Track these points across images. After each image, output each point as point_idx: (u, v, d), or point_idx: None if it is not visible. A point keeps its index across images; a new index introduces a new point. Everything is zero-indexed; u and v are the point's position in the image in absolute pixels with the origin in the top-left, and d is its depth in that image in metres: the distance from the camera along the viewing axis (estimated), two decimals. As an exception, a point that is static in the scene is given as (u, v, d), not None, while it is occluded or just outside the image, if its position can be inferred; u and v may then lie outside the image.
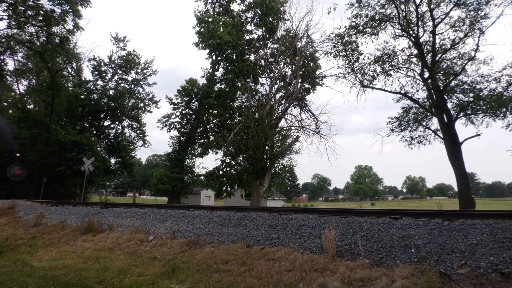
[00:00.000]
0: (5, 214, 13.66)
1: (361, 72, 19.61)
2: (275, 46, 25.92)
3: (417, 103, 18.51)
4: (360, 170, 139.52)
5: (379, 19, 18.08)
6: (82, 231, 9.47)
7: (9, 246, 9.43)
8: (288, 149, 21.42)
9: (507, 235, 4.66)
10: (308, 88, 25.65)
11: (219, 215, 8.60)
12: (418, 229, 5.44)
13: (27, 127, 24.95)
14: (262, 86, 26.32)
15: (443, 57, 17.39)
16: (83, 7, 21.47)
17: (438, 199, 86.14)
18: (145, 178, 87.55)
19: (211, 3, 27.97)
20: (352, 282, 4.37)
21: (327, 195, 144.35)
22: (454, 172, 16.16)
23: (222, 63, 28.19)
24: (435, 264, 4.42)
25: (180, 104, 29.22)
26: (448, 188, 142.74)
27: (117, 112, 31.18)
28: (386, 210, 7.55)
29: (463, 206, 15.37)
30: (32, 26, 20.64)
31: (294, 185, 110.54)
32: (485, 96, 15.80)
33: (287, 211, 8.32)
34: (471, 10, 16.06)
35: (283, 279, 4.82)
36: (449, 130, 16.47)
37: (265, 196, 24.71)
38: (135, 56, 32.02)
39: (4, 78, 26.67)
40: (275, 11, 25.27)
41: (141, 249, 7.39)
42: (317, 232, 6.22)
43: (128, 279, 5.58)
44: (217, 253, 6.22)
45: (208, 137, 29.33)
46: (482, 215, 6.03)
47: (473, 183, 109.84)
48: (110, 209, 12.00)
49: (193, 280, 5.29)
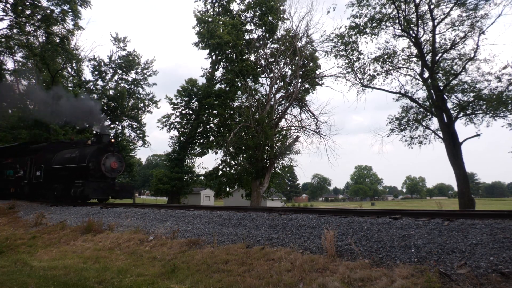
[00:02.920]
0: (5, 214, 13.67)
1: (361, 72, 19.61)
2: (275, 46, 25.92)
3: (417, 103, 18.50)
4: (360, 170, 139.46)
5: (379, 19, 18.08)
6: (82, 231, 9.48)
7: (9, 246, 9.43)
8: (288, 149, 21.42)
9: (507, 235, 4.66)
10: (308, 88, 25.64)
11: (219, 215, 8.60)
12: (418, 229, 5.44)
13: (27, 127, 24.93)
14: (262, 86, 26.33)
15: (443, 57, 17.40)
16: (83, 7, 21.50)
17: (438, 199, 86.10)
18: (145, 178, 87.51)
19: (210, 3, 27.97)
20: (352, 282, 4.38)
21: (327, 195, 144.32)
22: (454, 172, 16.16)
23: (222, 63, 28.19)
24: (435, 264, 4.42)
25: (180, 104, 29.23)
26: (448, 188, 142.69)
27: (117, 112, 31.17)
28: (386, 210, 7.56)
29: (463, 206, 15.36)
30: (32, 25, 20.65)
31: (294, 185, 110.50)
32: (485, 96, 15.80)
33: (287, 211, 8.32)
34: (471, 9, 16.06)
35: (283, 279, 4.82)
36: (449, 130, 16.47)
37: (265, 196, 24.73)
38: (135, 57, 32.03)
39: (4, 78, 26.65)
40: (274, 10, 25.26)
41: (141, 249, 7.39)
42: (317, 232, 6.22)
43: (128, 279, 5.58)
44: (217, 253, 6.22)
45: (208, 137, 29.33)
46: (482, 215, 6.03)
47: (473, 183, 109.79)
48: (110, 209, 11.99)
49: (193, 280, 5.29)
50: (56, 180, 16.35)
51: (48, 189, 16.63)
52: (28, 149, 19.04)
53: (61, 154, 16.67)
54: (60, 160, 16.34)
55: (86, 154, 14.99)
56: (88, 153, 15.02)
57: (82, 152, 15.44)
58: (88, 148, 15.60)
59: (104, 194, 14.87)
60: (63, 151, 16.93)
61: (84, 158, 14.90)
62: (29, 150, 18.73)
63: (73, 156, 15.70)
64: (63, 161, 16.09)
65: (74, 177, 15.13)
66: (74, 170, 15.26)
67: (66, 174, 15.72)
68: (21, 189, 18.12)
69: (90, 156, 14.84)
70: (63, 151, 16.88)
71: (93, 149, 15.10)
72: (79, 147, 16.64)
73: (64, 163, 15.94)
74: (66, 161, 15.87)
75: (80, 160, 15.05)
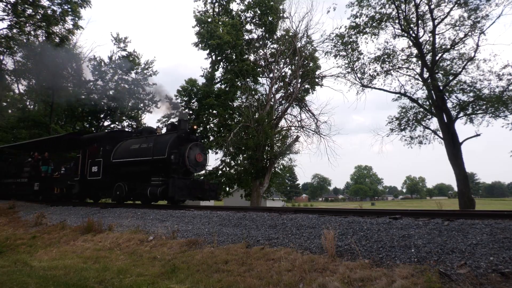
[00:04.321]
0: (5, 214, 13.67)
1: (361, 72, 19.61)
2: (275, 46, 25.93)
3: (417, 103, 18.50)
4: (360, 170, 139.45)
5: (379, 19, 18.08)
6: (82, 231, 9.48)
7: (9, 246, 9.43)
8: (288, 149, 21.43)
9: (507, 235, 4.66)
10: (308, 88, 25.66)
11: (219, 215, 8.60)
12: (418, 229, 5.44)
13: (26, 127, 24.94)
14: (262, 86, 26.36)
15: (443, 57, 17.40)
16: (83, 7, 21.51)
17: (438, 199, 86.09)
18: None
19: (210, 3, 27.97)
20: (352, 282, 4.38)
21: (327, 195, 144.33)
22: (454, 172, 16.15)
23: (222, 63, 28.20)
24: (435, 264, 4.42)
25: (180, 104, 29.21)
26: (448, 188, 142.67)
27: (117, 112, 31.17)
28: (386, 210, 7.56)
29: (463, 206, 15.36)
30: (32, 25, 20.66)
31: (294, 185, 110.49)
32: (485, 96, 15.80)
33: (287, 211, 8.32)
34: (472, 9, 16.05)
35: (283, 279, 4.82)
36: (449, 130, 16.46)
37: (265, 196, 24.72)
38: (136, 57, 32.04)
39: (4, 78, 26.67)
40: (274, 10, 25.27)
41: (141, 249, 7.39)
42: (317, 232, 6.22)
43: (128, 279, 5.58)
44: (217, 253, 6.22)
45: (208, 137, 29.33)
46: (482, 215, 6.03)
47: (473, 183, 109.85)
48: (110, 209, 11.99)
49: (193, 280, 5.29)
50: (120, 177, 13.40)
51: (108, 188, 13.87)
52: (76, 140, 16.02)
53: (125, 145, 13.58)
54: (125, 152, 13.27)
55: (165, 144, 11.89)
56: (168, 142, 11.88)
57: (159, 141, 12.32)
58: (165, 137, 12.53)
59: (191, 195, 11.79)
60: (126, 141, 13.85)
61: (163, 149, 11.81)
62: (79, 141, 15.71)
63: (144, 147, 12.55)
64: (131, 153, 13.01)
65: (146, 174, 12.41)
66: (147, 165, 12.32)
67: (136, 169, 12.86)
68: (69, 188, 15.36)
69: (171, 146, 11.76)
70: (126, 142, 13.82)
71: (173, 138, 12.04)
72: (149, 136, 13.24)
73: (132, 156, 12.85)
74: (135, 154, 12.76)
75: (157, 152, 11.94)
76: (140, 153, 12.57)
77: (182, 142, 12.04)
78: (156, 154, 11.92)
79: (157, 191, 11.50)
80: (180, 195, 11.47)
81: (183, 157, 11.68)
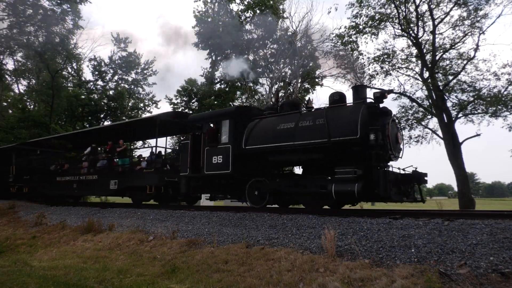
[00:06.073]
0: (5, 214, 13.66)
1: (360, 72, 19.59)
2: (275, 46, 25.91)
3: (417, 102, 18.50)
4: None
5: (379, 19, 18.07)
6: (82, 231, 9.47)
7: (9, 246, 9.44)
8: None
9: (507, 235, 4.66)
10: (308, 88, 25.66)
11: (219, 215, 8.59)
12: (418, 229, 5.44)
13: (27, 127, 24.93)
14: (262, 86, 26.34)
15: (442, 57, 17.40)
16: (83, 4, 21.52)
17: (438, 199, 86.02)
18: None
19: (210, 3, 27.97)
20: (352, 282, 4.38)
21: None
22: (454, 172, 16.15)
23: (222, 63, 28.22)
24: (435, 264, 4.42)
25: (180, 104, 29.24)
26: (448, 188, 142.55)
27: (117, 112, 31.20)
28: (386, 210, 7.53)
29: (463, 206, 15.37)
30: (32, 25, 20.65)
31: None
32: (485, 96, 15.80)
33: (287, 211, 8.30)
34: (471, 9, 16.06)
35: (283, 279, 4.82)
36: (449, 130, 16.46)
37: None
38: (135, 57, 32.08)
39: (4, 78, 26.66)
40: (274, 10, 25.26)
41: (141, 249, 7.38)
42: (317, 232, 6.21)
43: (128, 279, 5.59)
44: (217, 253, 6.22)
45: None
46: (482, 215, 6.03)
47: (473, 183, 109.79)
48: (110, 209, 11.96)
49: (193, 280, 5.29)
50: (261, 169, 9.48)
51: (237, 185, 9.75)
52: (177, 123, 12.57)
53: (264, 126, 9.27)
54: (269, 135, 8.88)
55: (353, 119, 7.64)
56: (358, 116, 7.58)
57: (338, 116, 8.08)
58: (347, 109, 8.32)
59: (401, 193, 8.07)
60: (262, 120, 9.52)
61: (351, 125, 7.59)
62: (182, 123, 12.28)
63: (306, 125, 8.32)
64: (280, 136, 8.59)
65: (316, 164, 8.76)
66: (319, 151, 8.14)
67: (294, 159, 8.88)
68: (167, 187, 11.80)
69: (364, 122, 7.58)
70: (262, 121, 9.48)
71: (362, 110, 7.75)
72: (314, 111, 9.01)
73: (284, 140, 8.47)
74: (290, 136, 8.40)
75: (339, 131, 7.73)
76: (301, 135, 8.33)
77: (375, 116, 8.02)
78: (337, 134, 7.73)
79: (355, 188, 7.13)
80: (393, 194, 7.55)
81: (384, 137, 7.70)
